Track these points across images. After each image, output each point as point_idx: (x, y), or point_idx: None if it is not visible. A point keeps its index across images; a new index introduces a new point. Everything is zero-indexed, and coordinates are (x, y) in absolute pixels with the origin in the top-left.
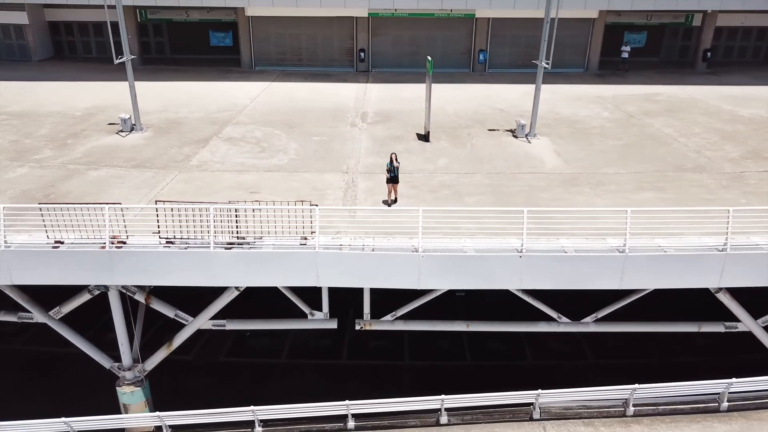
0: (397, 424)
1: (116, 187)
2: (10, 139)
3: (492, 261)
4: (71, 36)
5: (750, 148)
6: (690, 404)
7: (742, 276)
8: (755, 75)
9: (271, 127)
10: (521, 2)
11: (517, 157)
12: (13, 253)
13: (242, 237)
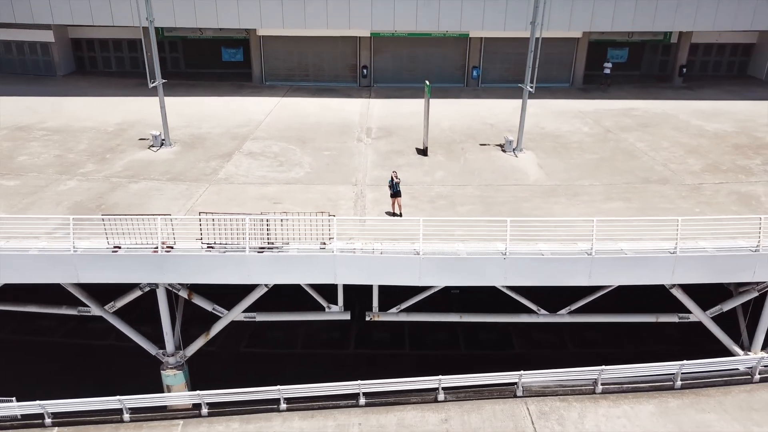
0: (402, 401)
1: (156, 199)
2: (54, 154)
3: (481, 262)
4: (92, 52)
5: (710, 161)
6: (649, 383)
7: (691, 274)
8: (727, 89)
9: (286, 142)
10: (511, 24)
11: (504, 170)
12: (80, 256)
13: (272, 242)
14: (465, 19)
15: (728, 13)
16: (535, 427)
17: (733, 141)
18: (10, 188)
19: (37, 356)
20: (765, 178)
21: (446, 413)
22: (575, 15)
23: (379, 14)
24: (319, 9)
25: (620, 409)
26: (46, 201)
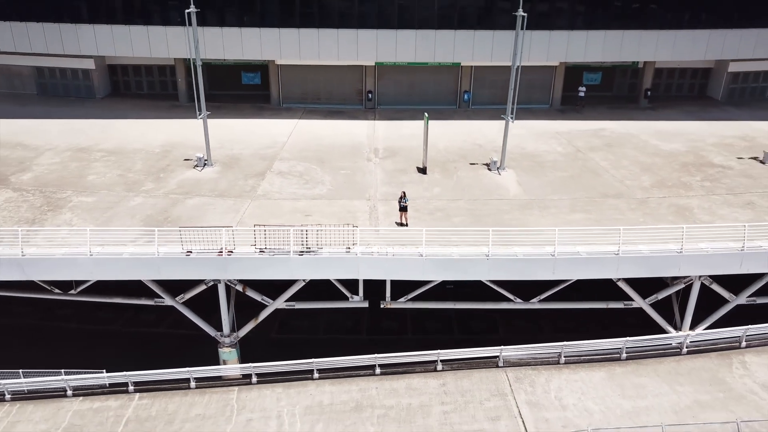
0: (409, 370)
1: (211, 212)
2: (117, 174)
3: (470, 262)
4: (126, 76)
5: (660, 178)
6: (601, 355)
7: (631, 270)
8: (686, 110)
9: (308, 162)
10: (497, 56)
11: (489, 187)
12: (162, 258)
13: (309, 247)
14: (457, 51)
15: (684, 46)
16: (512, 389)
17: (682, 160)
18: (90, 204)
19: (99, 342)
20: (701, 193)
21: (443, 379)
22: (552, 48)
23: (382, 47)
24: (331, 43)
25: (578, 375)
26: (122, 214)
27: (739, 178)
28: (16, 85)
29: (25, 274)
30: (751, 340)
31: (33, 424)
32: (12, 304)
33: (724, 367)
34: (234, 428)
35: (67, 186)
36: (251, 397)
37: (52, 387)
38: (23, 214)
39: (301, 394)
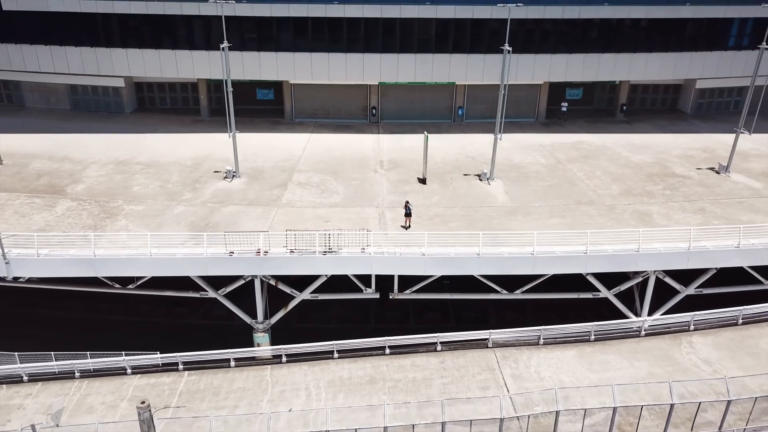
0: (413, 351)
1: (244, 219)
2: (157, 185)
3: (464, 260)
4: (151, 92)
5: (627, 187)
6: (573, 337)
7: (597, 266)
8: (657, 123)
9: (323, 173)
10: (488, 76)
11: (480, 195)
12: (209, 258)
13: (331, 248)
14: (452, 72)
15: (654, 67)
16: (499, 365)
17: (649, 170)
18: (140, 212)
19: (142, 331)
20: (661, 200)
21: (442, 358)
22: (536, 69)
23: (385, 69)
24: (340, 65)
25: (554, 353)
26: (169, 221)
27: (695, 187)
28: (52, 101)
29: (95, 272)
30: (698, 324)
31: (101, 396)
32: (65, 299)
33: (675, 347)
34: (270, 398)
35: (116, 196)
36: (282, 373)
37: (114, 366)
38: (85, 221)
39: (324, 371)
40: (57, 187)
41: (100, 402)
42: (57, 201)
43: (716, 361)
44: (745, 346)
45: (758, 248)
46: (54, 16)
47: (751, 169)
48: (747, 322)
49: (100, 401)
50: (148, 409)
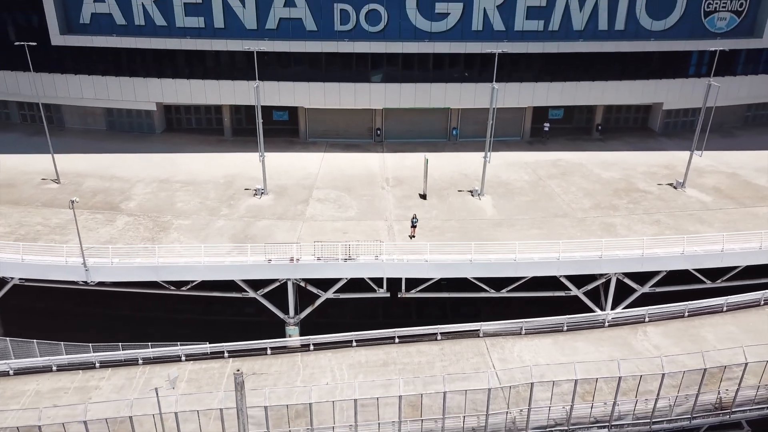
0: (417, 340)
1: (277, 231)
2: (198, 201)
3: (459, 265)
4: (179, 114)
5: (596, 201)
6: (549, 328)
7: (568, 270)
8: (628, 141)
9: (338, 190)
10: (478, 101)
11: (472, 209)
12: (251, 264)
13: (350, 256)
14: (447, 98)
15: (624, 92)
16: (488, 351)
17: (616, 186)
18: (188, 225)
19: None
20: (624, 213)
21: (442, 345)
22: (521, 95)
23: (389, 96)
24: (349, 93)
25: (533, 342)
26: (213, 234)
27: (654, 201)
28: (89, 122)
29: (158, 276)
30: (652, 317)
31: (162, 379)
32: (116, 299)
33: (632, 335)
34: (302, 379)
35: (165, 211)
36: (310, 359)
37: (171, 354)
38: (143, 234)
39: (345, 356)
40: (112, 204)
41: (164, 382)
42: (115, 216)
43: (664, 347)
44: (689, 334)
45: (700, 254)
46: (96, 51)
47: (704, 185)
48: (692, 315)
49: (162, 382)
50: (241, 375)
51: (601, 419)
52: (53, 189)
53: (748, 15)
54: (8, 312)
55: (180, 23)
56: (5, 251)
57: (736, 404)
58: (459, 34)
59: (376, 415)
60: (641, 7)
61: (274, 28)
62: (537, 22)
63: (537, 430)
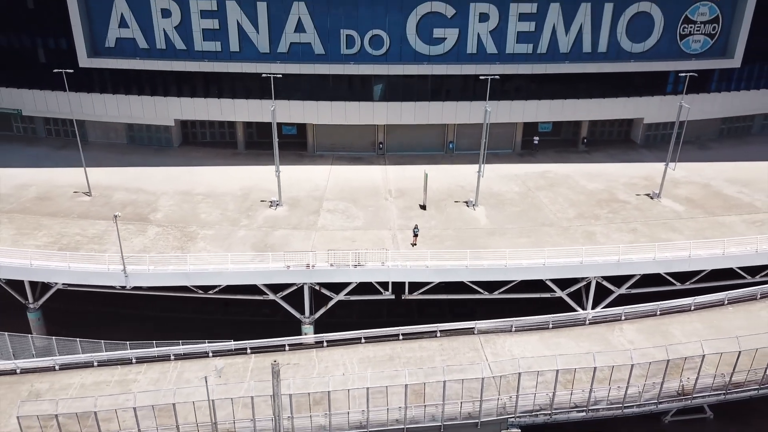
0: (419, 337)
1: (293, 240)
2: (219, 213)
3: (456, 270)
4: (194, 128)
5: (580, 211)
6: (537, 325)
7: (553, 274)
8: (611, 153)
9: (345, 202)
10: (473, 118)
11: (467, 219)
12: (272, 270)
13: (360, 262)
14: (444, 115)
15: (607, 108)
16: (482, 346)
17: (598, 197)
18: (212, 235)
19: (208, 325)
20: (604, 222)
21: (441, 342)
22: (513, 112)
23: (391, 113)
24: (354, 111)
25: (522, 338)
26: (236, 243)
27: (632, 211)
28: (111, 136)
29: (189, 281)
30: (627, 315)
31: (193, 372)
32: (144, 301)
33: (609, 332)
34: (318, 371)
35: (190, 222)
36: (324, 354)
37: (199, 351)
38: (172, 243)
39: (355, 352)
40: (141, 215)
41: (193, 376)
42: (146, 227)
43: (637, 341)
44: (660, 331)
45: (670, 259)
46: (120, 72)
47: (678, 195)
48: (663, 314)
49: (193, 376)
50: (278, 365)
51: (579, 404)
52: (86, 201)
53: (720, 37)
54: (50, 313)
55: (198, 47)
56: (52, 259)
57: (697, 391)
58: (455, 56)
59: (385, 402)
60: (622, 31)
61: (285, 52)
62: (526, 45)
63: (524, 414)
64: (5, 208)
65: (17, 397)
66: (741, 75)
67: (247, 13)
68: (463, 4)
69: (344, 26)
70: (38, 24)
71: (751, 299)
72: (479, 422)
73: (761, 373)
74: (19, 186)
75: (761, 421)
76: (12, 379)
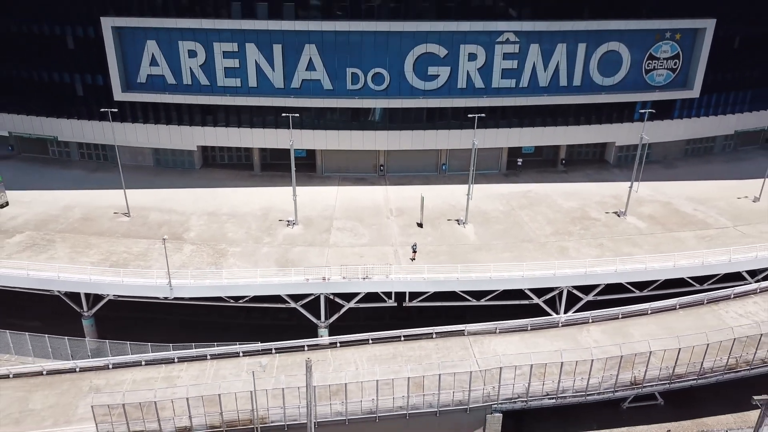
0: (418, 338)
1: (310, 255)
2: (243, 231)
3: (449, 281)
4: (213, 152)
5: (556, 228)
6: (518, 328)
7: (531, 284)
8: (587, 173)
9: (352, 220)
10: (463, 143)
11: (458, 236)
12: (294, 283)
13: (367, 275)
14: (437, 141)
15: (583, 134)
16: (471, 346)
17: (573, 215)
18: (240, 252)
19: (231, 329)
20: (576, 238)
21: (437, 342)
22: (498, 138)
23: (391, 140)
24: (358, 138)
25: (506, 339)
26: (262, 259)
27: (601, 228)
28: (139, 159)
29: (224, 293)
30: (594, 319)
31: (227, 370)
32: (174, 308)
33: (579, 333)
34: (333, 367)
35: (219, 240)
36: (337, 354)
37: (232, 351)
38: (207, 259)
39: (364, 351)
40: (176, 234)
41: (228, 373)
42: (182, 245)
43: (601, 341)
44: (621, 332)
45: (629, 271)
46: (149, 104)
47: (642, 213)
48: (624, 317)
49: (228, 373)
50: (310, 362)
51: (550, 393)
52: (126, 222)
53: (681, 71)
54: (98, 320)
55: (221, 83)
56: (106, 274)
57: (646, 381)
58: (447, 91)
59: (391, 392)
60: (594, 67)
61: (298, 87)
62: (510, 80)
63: (505, 401)
64: (57, 228)
65: (80, 392)
66: (700, 103)
67: (264, 53)
68: (454, 46)
69: (350, 65)
70: (77, 62)
71: (698, 304)
72: (468, 408)
73: (699, 366)
74: (64, 207)
75: (702, 406)
76: (73, 377)
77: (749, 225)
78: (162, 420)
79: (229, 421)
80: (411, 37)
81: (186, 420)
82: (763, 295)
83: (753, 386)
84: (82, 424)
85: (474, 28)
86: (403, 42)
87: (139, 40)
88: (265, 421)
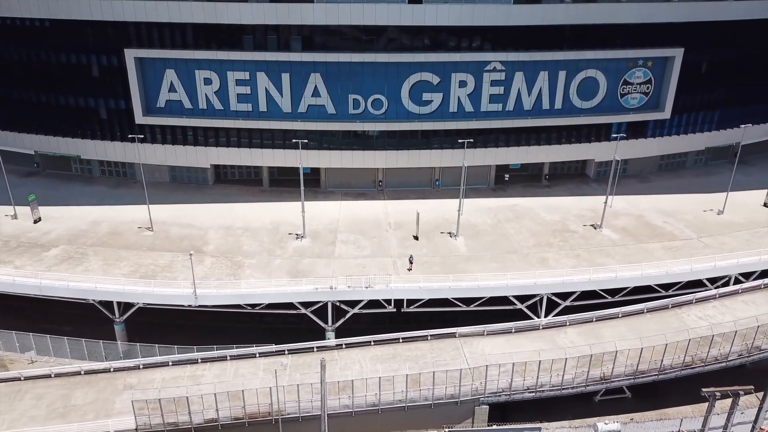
0: (414, 340)
1: (318, 266)
2: (257, 245)
3: (442, 289)
4: (225, 168)
5: (538, 240)
6: (504, 330)
7: (514, 291)
8: (569, 187)
9: (354, 234)
10: (455, 161)
11: (450, 248)
12: (306, 291)
13: (369, 285)
14: (431, 159)
15: (564, 152)
16: (462, 347)
17: (553, 227)
18: (255, 263)
19: (243, 332)
20: (556, 249)
21: (431, 343)
22: (486, 156)
23: (389, 159)
24: (359, 157)
25: (493, 341)
26: (276, 270)
27: (578, 239)
28: (155, 175)
29: (243, 301)
30: (572, 322)
31: (245, 369)
32: (194, 314)
33: (557, 334)
34: (340, 366)
35: (236, 253)
36: (343, 354)
37: (249, 353)
38: (226, 270)
39: (367, 352)
40: (196, 247)
41: (246, 372)
42: (202, 258)
43: (577, 341)
44: (594, 334)
45: (601, 279)
46: (168, 127)
47: (616, 225)
48: (598, 320)
49: (246, 371)
50: (324, 361)
51: (530, 387)
52: (150, 235)
53: (653, 95)
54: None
55: (234, 107)
56: (137, 285)
57: (614, 376)
58: (440, 114)
59: (391, 387)
60: (573, 92)
61: (304, 112)
62: (497, 104)
63: (491, 395)
64: (88, 242)
65: (115, 389)
66: (672, 123)
67: (273, 81)
68: (447, 74)
69: (351, 92)
70: (101, 88)
71: (664, 309)
72: (458, 401)
73: (659, 363)
74: (92, 222)
75: (664, 398)
76: (108, 376)
77: (711, 237)
78: (192, 413)
79: (251, 413)
80: (407, 66)
81: (213, 413)
82: (722, 300)
83: (708, 380)
84: (121, 416)
85: (464, 59)
86: (399, 71)
87: (159, 69)
88: (282, 413)
